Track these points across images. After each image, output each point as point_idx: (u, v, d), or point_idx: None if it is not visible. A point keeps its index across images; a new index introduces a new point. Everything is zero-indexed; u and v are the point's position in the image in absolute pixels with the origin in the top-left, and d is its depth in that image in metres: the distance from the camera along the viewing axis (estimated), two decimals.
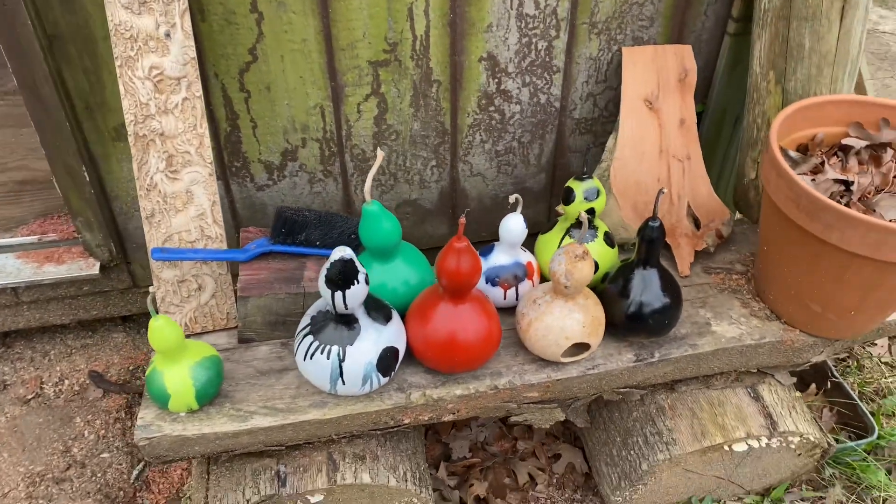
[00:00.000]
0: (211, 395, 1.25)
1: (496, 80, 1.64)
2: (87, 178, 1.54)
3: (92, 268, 1.69)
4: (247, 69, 1.49)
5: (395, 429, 1.36)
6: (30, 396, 1.83)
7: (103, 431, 1.77)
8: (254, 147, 1.61)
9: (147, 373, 1.23)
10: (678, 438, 1.48)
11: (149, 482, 1.69)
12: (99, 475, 1.68)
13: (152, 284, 1.74)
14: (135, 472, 1.70)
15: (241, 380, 1.32)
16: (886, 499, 1.72)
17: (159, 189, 1.33)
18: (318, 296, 1.34)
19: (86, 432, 1.76)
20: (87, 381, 1.87)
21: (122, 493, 1.66)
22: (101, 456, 1.72)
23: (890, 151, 1.43)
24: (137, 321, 2.01)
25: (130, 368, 1.91)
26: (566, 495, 1.73)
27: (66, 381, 1.87)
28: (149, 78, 1.28)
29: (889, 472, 1.77)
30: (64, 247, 1.73)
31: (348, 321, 1.21)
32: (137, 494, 1.67)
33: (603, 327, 1.36)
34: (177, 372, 1.19)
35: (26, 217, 1.84)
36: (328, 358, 1.20)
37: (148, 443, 1.21)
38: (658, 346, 1.43)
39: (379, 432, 1.37)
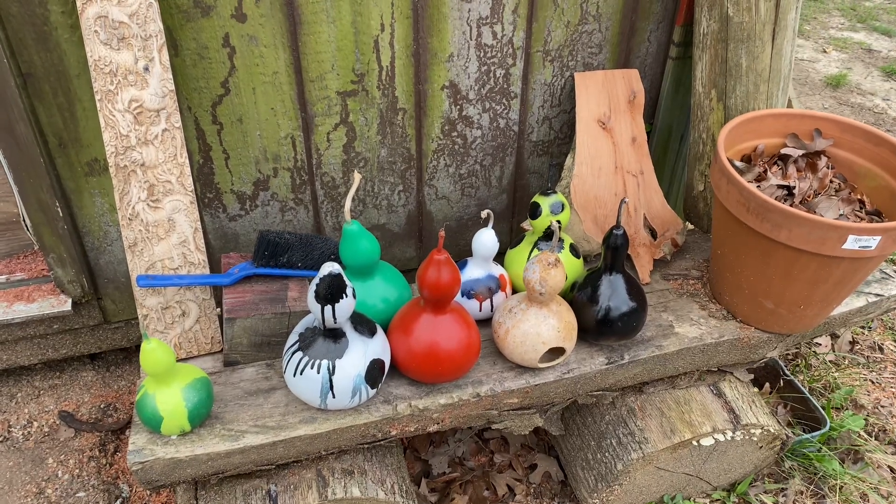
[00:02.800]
0: (203, 417, 1.26)
1: (458, 107, 1.73)
2: (60, 214, 1.55)
3: (63, 304, 1.69)
4: (219, 102, 1.53)
5: (382, 442, 1.40)
6: None
7: (77, 471, 1.74)
8: (226, 178, 1.65)
9: (137, 398, 1.24)
10: (650, 437, 1.56)
11: None
12: None
13: (125, 319, 1.74)
14: None
15: (230, 401, 1.34)
16: (842, 486, 1.83)
17: (141, 218, 1.35)
18: (302, 315, 1.38)
19: (59, 472, 1.73)
20: (58, 422, 1.84)
21: None
22: (77, 495, 1.69)
23: (824, 159, 1.56)
24: (106, 359, 2.00)
25: (101, 406, 1.89)
26: (544, 503, 1.78)
27: (35, 423, 1.83)
28: (129, 111, 1.32)
29: (842, 461, 1.89)
30: (34, 285, 1.72)
31: (336, 335, 1.25)
32: None
33: (576, 332, 1.44)
34: (169, 394, 1.21)
35: None
36: (318, 372, 1.24)
37: (141, 467, 1.22)
38: (627, 349, 1.51)
39: (366, 446, 1.41)
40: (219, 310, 1.47)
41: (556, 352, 1.44)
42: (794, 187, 1.47)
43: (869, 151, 1.54)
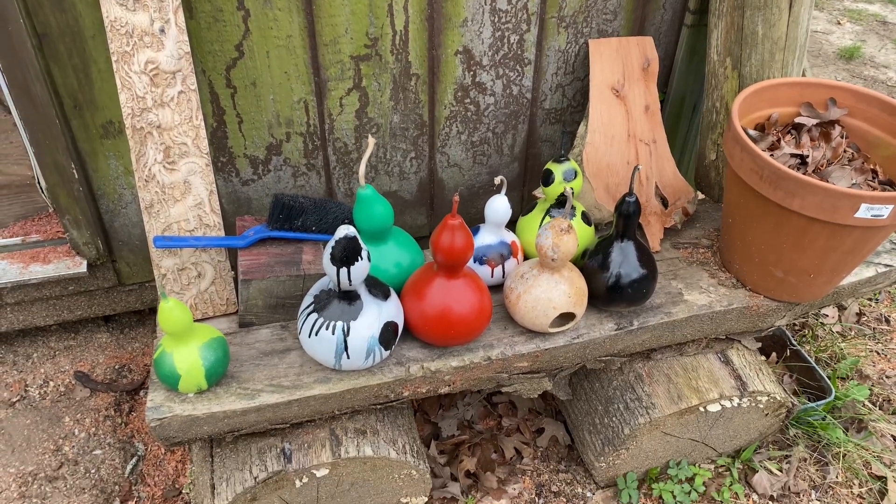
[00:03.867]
0: (219, 375, 1.29)
1: (471, 73, 1.73)
2: (76, 175, 1.56)
3: (79, 266, 1.71)
4: (233, 65, 1.53)
5: (394, 403, 1.42)
6: (14, 399, 1.82)
7: (94, 429, 1.77)
8: (239, 142, 1.65)
9: (155, 356, 1.26)
10: (657, 403, 1.58)
11: (143, 475, 1.71)
12: (93, 471, 1.69)
13: (139, 281, 1.76)
14: (129, 467, 1.71)
15: (246, 361, 1.36)
16: (845, 454, 1.86)
17: (157, 180, 1.36)
18: (316, 278, 1.40)
19: (76, 430, 1.77)
20: (73, 382, 1.87)
21: (117, 487, 1.68)
22: (94, 453, 1.73)
23: (838, 128, 1.56)
24: (121, 321, 2.02)
25: (116, 367, 1.92)
26: (551, 466, 1.81)
27: (52, 383, 1.87)
28: (145, 72, 1.32)
29: (846, 429, 1.91)
30: (49, 246, 1.74)
31: (351, 298, 1.26)
32: (133, 488, 1.68)
33: (586, 298, 1.45)
34: (186, 353, 1.23)
35: (5, 220, 1.84)
36: (333, 333, 1.26)
37: (159, 423, 1.25)
38: (636, 315, 1.52)
39: (378, 407, 1.43)
40: (234, 273, 1.49)
41: (566, 317, 1.46)
42: (808, 156, 1.47)
43: (883, 121, 1.54)
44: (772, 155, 1.49)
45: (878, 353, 2.19)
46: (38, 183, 1.65)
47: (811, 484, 1.82)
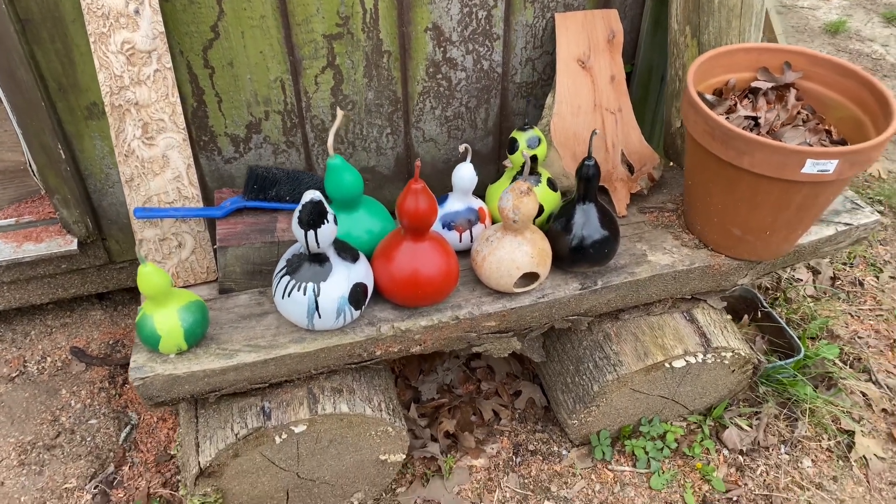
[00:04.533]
0: (198, 336, 1.36)
1: (442, 49, 1.79)
2: (63, 156, 1.63)
3: (70, 244, 1.78)
4: (210, 46, 1.60)
5: (369, 362, 1.49)
6: (14, 374, 1.91)
7: (89, 400, 1.86)
8: (220, 121, 1.72)
9: (137, 319, 1.34)
10: (624, 360, 1.65)
11: (137, 442, 1.79)
12: (88, 439, 1.77)
13: (129, 259, 1.83)
14: (123, 434, 1.79)
15: (225, 324, 1.44)
16: (814, 410, 1.92)
17: (137, 155, 1.44)
18: (290, 244, 1.47)
19: (72, 402, 1.85)
20: (70, 357, 1.95)
21: (111, 453, 1.76)
22: (89, 422, 1.81)
23: (793, 91, 1.61)
24: (114, 298, 2.10)
25: (110, 343, 2.00)
26: (528, 427, 1.88)
27: (49, 359, 1.95)
28: (121, 52, 1.39)
29: (815, 386, 1.97)
30: (42, 226, 1.82)
31: (321, 260, 1.33)
32: (127, 454, 1.76)
33: (549, 259, 1.52)
34: (165, 315, 1.31)
35: (0, 203, 1.92)
36: (304, 294, 1.33)
37: (142, 383, 1.32)
38: (601, 276, 1.59)
39: (354, 366, 1.50)
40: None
41: (530, 277, 1.53)
42: (760, 118, 1.53)
43: (837, 83, 1.59)
44: (728, 118, 1.55)
45: (852, 315, 2.24)
46: (30, 166, 1.72)
47: (780, 439, 1.88)
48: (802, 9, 4.26)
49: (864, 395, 1.99)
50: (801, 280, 2.31)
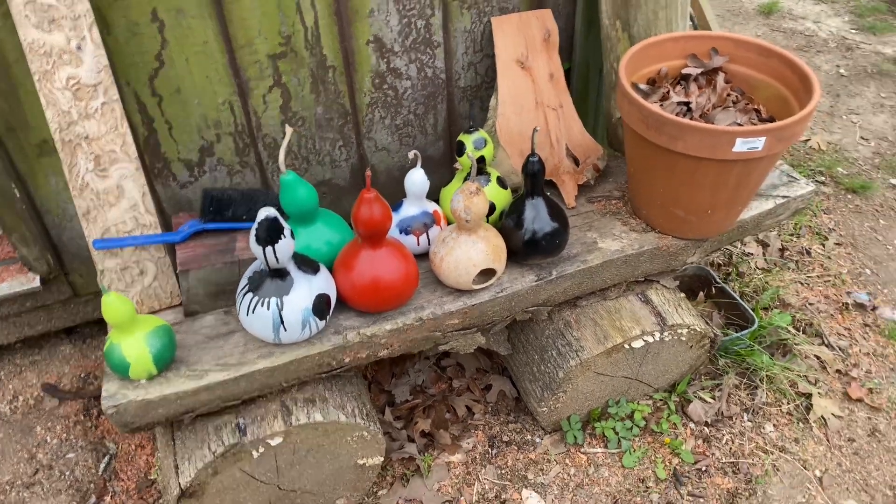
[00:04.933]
0: (168, 360, 1.39)
1: (385, 60, 1.83)
2: (18, 195, 1.65)
3: (32, 282, 1.79)
4: (156, 75, 1.63)
5: (338, 370, 1.53)
6: None
7: (65, 435, 1.86)
8: (172, 147, 1.75)
9: (105, 348, 1.36)
10: (585, 345, 1.71)
11: (117, 471, 1.80)
12: (67, 473, 1.78)
13: (94, 291, 1.85)
14: (102, 465, 1.81)
15: (193, 346, 1.46)
16: (771, 376, 2.00)
17: (91, 187, 1.46)
18: (251, 262, 1.50)
19: (48, 438, 1.86)
20: (42, 394, 1.96)
21: (92, 485, 1.77)
22: (67, 456, 1.82)
23: (722, 75, 1.69)
24: (82, 332, 2.11)
25: (82, 376, 2.00)
26: (501, 418, 1.93)
27: (21, 398, 1.95)
28: (67, 88, 1.41)
29: (771, 354, 2.06)
30: (2, 266, 1.82)
31: (281, 274, 1.37)
32: (107, 484, 1.78)
33: (505, 254, 1.57)
34: (133, 342, 1.33)
35: None
36: (268, 309, 1.36)
37: (115, 410, 1.35)
38: (555, 266, 1.65)
39: (325, 376, 1.54)
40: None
41: (487, 273, 1.58)
42: (692, 103, 1.60)
43: (762, 64, 1.67)
44: (662, 105, 1.62)
45: (802, 284, 2.34)
46: None
47: (742, 407, 1.96)
48: None
49: (818, 358, 2.09)
50: (752, 254, 2.40)
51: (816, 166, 2.85)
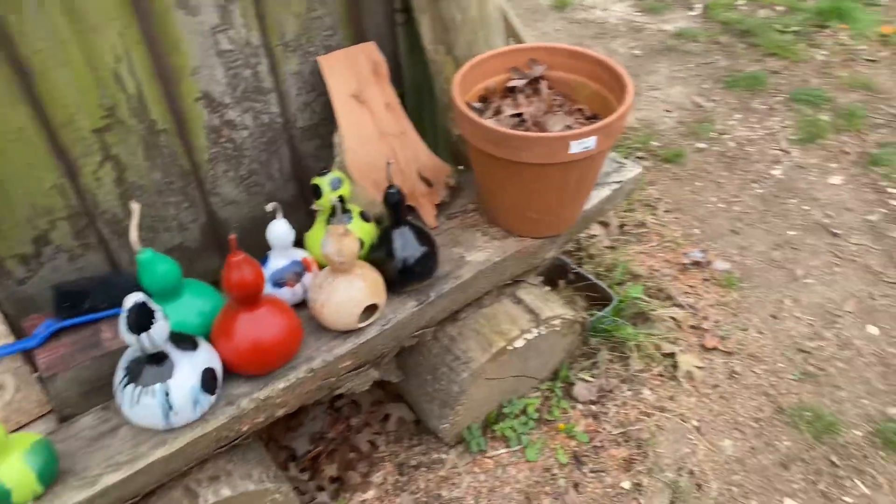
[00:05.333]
0: (53, 475, 1.29)
1: (218, 114, 1.79)
2: None
3: None
4: None
5: (238, 441, 1.49)
6: None
7: None
8: (1, 245, 1.61)
9: None
10: (473, 356, 1.78)
11: None
12: None
13: None
14: None
15: (77, 452, 1.36)
16: (639, 345, 2.18)
17: None
18: (122, 352, 1.42)
19: None
20: None
21: None
22: None
23: (544, 82, 1.82)
24: None
25: None
26: (405, 444, 1.96)
27: None
28: None
29: (634, 324, 2.24)
30: None
31: (160, 358, 1.31)
32: None
33: (383, 287, 1.60)
34: (9, 465, 1.22)
35: None
36: (154, 397, 1.30)
37: None
38: (431, 288, 1.70)
39: (224, 450, 1.49)
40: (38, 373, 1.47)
41: (370, 309, 1.60)
42: (524, 113, 1.71)
43: (576, 67, 1.82)
44: (498, 119, 1.72)
45: (645, 254, 2.56)
46: None
47: (620, 378, 2.12)
48: None
49: (673, 319, 2.29)
50: (597, 235, 2.59)
51: (633, 144, 3.12)
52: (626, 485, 1.89)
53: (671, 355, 2.18)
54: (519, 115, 1.72)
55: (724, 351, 2.22)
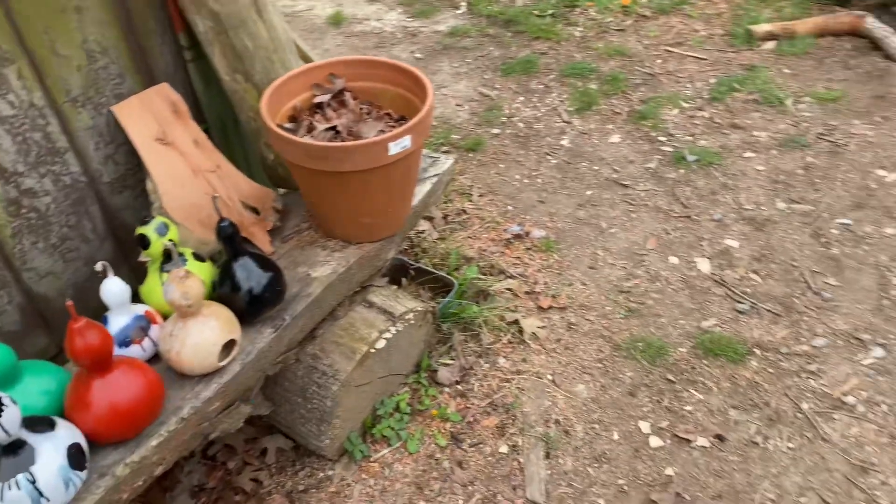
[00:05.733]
0: None
1: (14, 184, 1.68)
2: None
3: None
4: None
5: None
6: None
7: None
8: None
9: None
10: (339, 367, 1.81)
11: None
12: None
13: None
14: None
15: None
16: (486, 319, 2.32)
17: None
18: None
19: None
20: None
21: None
22: None
23: (348, 94, 1.90)
24: None
25: None
26: (289, 472, 1.95)
27: None
28: None
29: (478, 303, 2.39)
30: None
31: (18, 446, 1.22)
32: None
33: (236, 322, 1.59)
34: None
35: None
36: (20, 488, 1.21)
37: None
38: (285, 311, 1.71)
39: None
40: None
41: (229, 346, 1.58)
42: (337, 125, 1.78)
43: (374, 75, 1.91)
44: (312, 134, 1.77)
45: (471, 238, 2.72)
46: None
47: (476, 355, 2.26)
48: (302, 13, 4.73)
49: (509, 290, 2.47)
50: (425, 230, 2.71)
51: (436, 140, 3.29)
52: (504, 449, 2.03)
53: (515, 322, 2.35)
54: (332, 127, 1.78)
55: (558, 307, 2.43)
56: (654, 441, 2.04)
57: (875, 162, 2.96)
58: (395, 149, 1.63)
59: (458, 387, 2.17)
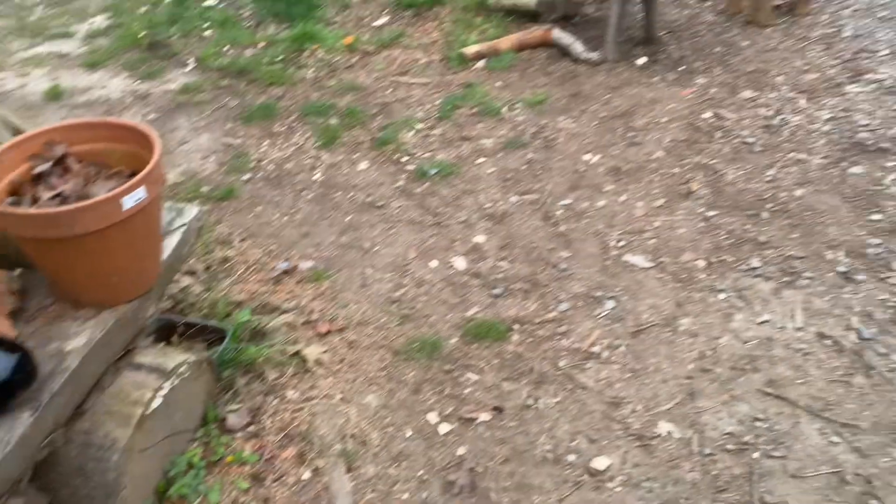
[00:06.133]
0: None
1: None
2: None
3: None
4: None
5: None
6: None
7: None
8: None
9: None
10: (116, 436, 1.75)
11: None
12: None
13: None
14: None
15: None
16: (267, 358, 2.35)
17: None
18: None
19: None
20: None
21: None
22: None
23: (72, 159, 1.85)
24: None
25: None
26: None
27: None
28: None
29: (256, 344, 2.40)
30: None
31: None
32: None
33: None
34: None
35: None
36: None
37: None
38: (40, 392, 1.61)
39: None
40: None
41: None
42: (63, 192, 1.73)
43: (97, 136, 1.88)
44: (38, 205, 1.70)
45: (240, 283, 2.74)
46: None
47: (264, 394, 2.28)
48: (14, 91, 4.40)
49: (286, 324, 2.52)
50: (189, 285, 2.67)
51: (187, 196, 3.25)
52: (307, 475, 2.07)
53: (297, 353, 2.41)
54: (58, 194, 1.72)
55: (337, 330, 2.53)
56: (443, 427, 2.20)
57: (581, 149, 3.45)
58: (129, 202, 1.63)
59: (250, 429, 2.17)
